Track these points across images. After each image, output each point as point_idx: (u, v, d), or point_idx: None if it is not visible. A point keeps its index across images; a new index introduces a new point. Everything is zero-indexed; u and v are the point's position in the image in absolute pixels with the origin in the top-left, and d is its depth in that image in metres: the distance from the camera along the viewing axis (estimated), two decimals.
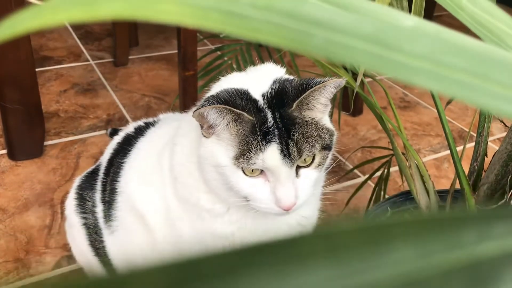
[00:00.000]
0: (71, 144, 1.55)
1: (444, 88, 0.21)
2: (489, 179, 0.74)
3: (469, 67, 0.22)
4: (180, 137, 0.77)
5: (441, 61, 0.22)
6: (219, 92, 0.67)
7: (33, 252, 1.17)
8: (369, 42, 0.20)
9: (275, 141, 0.64)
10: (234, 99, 0.66)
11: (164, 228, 0.80)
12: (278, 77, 0.71)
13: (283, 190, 0.66)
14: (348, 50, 0.19)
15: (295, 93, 0.67)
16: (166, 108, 1.79)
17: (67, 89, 1.84)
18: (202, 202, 0.74)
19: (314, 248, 0.15)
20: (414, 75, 0.21)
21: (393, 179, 1.50)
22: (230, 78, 0.75)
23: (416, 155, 0.92)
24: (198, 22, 0.17)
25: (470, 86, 0.22)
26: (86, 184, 0.94)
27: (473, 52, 0.23)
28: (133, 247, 0.85)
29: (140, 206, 0.81)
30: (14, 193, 1.33)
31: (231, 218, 0.75)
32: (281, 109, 0.66)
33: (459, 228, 0.16)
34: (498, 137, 1.83)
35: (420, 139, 1.76)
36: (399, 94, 2.06)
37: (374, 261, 0.15)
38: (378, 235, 0.15)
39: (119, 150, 0.90)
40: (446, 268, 0.15)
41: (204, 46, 2.30)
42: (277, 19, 0.18)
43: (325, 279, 0.14)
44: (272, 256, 0.14)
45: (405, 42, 0.21)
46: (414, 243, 0.15)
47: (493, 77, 0.23)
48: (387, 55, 0.20)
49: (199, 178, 0.73)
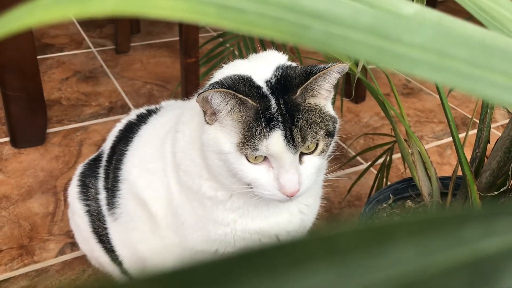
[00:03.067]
0: (74, 131, 1.55)
1: (446, 79, 0.21)
2: (491, 165, 0.74)
3: (471, 58, 0.22)
4: (182, 125, 0.77)
5: (442, 51, 0.21)
6: (222, 79, 0.67)
7: (37, 239, 1.17)
8: (368, 33, 0.20)
9: (279, 128, 0.64)
10: (237, 85, 0.65)
11: (166, 215, 0.81)
12: (281, 64, 0.70)
13: (287, 177, 0.66)
14: (346, 42, 0.19)
15: (299, 80, 0.66)
16: (168, 96, 1.79)
17: (69, 77, 1.84)
18: (204, 189, 0.74)
19: (312, 252, 0.14)
20: (415, 67, 0.20)
21: (395, 166, 1.50)
22: (232, 65, 0.75)
23: (419, 141, 0.92)
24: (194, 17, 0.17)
25: (472, 77, 0.22)
26: (88, 171, 0.95)
27: (475, 42, 0.23)
28: (136, 234, 0.85)
29: (143, 193, 0.82)
30: (17, 181, 1.34)
31: (233, 205, 0.75)
32: (285, 95, 0.66)
33: (461, 225, 0.16)
34: (501, 123, 1.82)
35: (423, 126, 1.76)
36: (402, 81, 2.05)
37: (375, 262, 0.14)
38: (378, 236, 0.15)
39: (121, 138, 0.90)
40: (449, 265, 0.15)
41: (206, 33, 2.28)
42: (273, 12, 0.18)
43: (325, 282, 0.14)
44: (270, 260, 0.14)
45: (405, 33, 0.21)
46: (415, 242, 0.15)
47: (495, 67, 0.23)
48: (387, 46, 0.20)
49: (201, 165, 0.73)
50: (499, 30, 0.37)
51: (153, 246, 0.84)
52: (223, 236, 0.77)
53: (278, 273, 0.14)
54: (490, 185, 0.74)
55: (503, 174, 0.72)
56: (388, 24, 0.21)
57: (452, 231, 0.15)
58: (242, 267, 0.14)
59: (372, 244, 0.15)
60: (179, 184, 0.77)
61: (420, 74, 0.20)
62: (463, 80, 0.22)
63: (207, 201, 0.76)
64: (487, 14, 0.39)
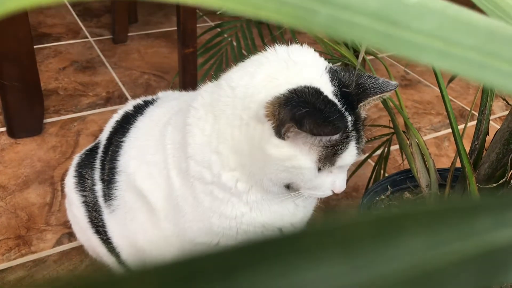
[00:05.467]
0: (71, 121, 1.55)
1: (453, 66, 0.20)
2: (490, 157, 0.74)
3: (477, 45, 0.22)
4: (195, 119, 0.74)
5: (449, 38, 0.21)
6: (300, 96, 0.64)
7: (34, 229, 1.17)
8: (374, 18, 0.19)
9: (354, 141, 0.68)
10: (322, 102, 0.64)
11: (166, 207, 0.80)
12: (327, 67, 0.71)
13: (343, 179, 0.73)
14: (353, 28, 0.18)
15: (359, 95, 0.69)
16: (166, 86, 1.78)
17: (66, 67, 1.83)
18: (224, 180, 0.72)
19: (322, 242, 0.14)
20: (422, 53, 0.20)
21: (393, 157, 1.50)
22: (260, 65, 0.70)
23: (417, 133, 0.91)
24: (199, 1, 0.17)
25: (478, 64, 0.21)
26: (85, 162, 0.94)
27: (481, 29, 0.23)
28: (134, 225, 0.85)
29: (141, 185, 0.81)
30: (14, 171, 1.33)
31: (249, 198, 0.74)
32: (350, 110, 0.68)
33: (472, 217, 0.16)
34: (499, 115, 1.82)
35: (421, 117, 1.76)
36: (401, 72, 2.04)
37: (385, 254, 0.14)
38: (389, 227, 0.15)
39: (118, 129, 0.90)
40: (459, 257, 0.15)
41: (204, 23, 2.27)
42: None
43: (334, 273, 0.14)
44: (280, 250, 0.14)
45: (412, 19, 0.20)
46: (425, 234, 0.15)
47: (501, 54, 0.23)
48: (394, 32, 0.20)
49: (228, 156, 0.71)
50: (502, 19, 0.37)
51: (152, 237, 0.84)
52: (227, 229, 0.76)
53: (290, 263, 0.14)
54: (489, 177, 0.74)
55: (502, 166, 0.72)
56: (395, 10, 0.20)
57: (461, 222, 0.15)
58: (254, 257, 0.14)
59: (383, 235, 0.15)
60: (181, 176, 0.77)
61: (427, 61, 0.20)
62: (470, 68, 0.21)
63: (221, 192, 0.74)
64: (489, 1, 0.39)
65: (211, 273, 0.14)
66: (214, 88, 0.74)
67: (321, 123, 0.61)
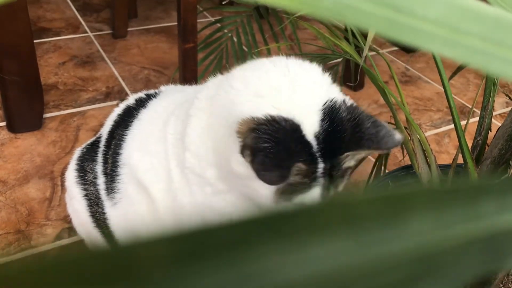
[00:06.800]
0: (71, 116, 1.54)
1: (459, 54, 0.20)
2: (492, 153, 0.74)
3: (484, 33, 0.21)
4: (198, 110, 0.73)
5: (455, 26, 0.21)
6: (272, 130, 0.61)
7: (34, 224, 1.17)
8: (380, 4, 0.19)
9: (319, 186, 0.65)
10: (288, 143, 0.62)
11: (165, 199, 0.80)
12: (327, 102, 0.66)
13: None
14: (359, 13, 0.18)
15: (349, 144, 0.65)
16: (166, 81, 1.77)
17: (65, 61, 1.83)
18: (208, 175, 0.73)
19: (330, 218, 0.14)
20: (428, 41, 0.20)
21: (393, 153, 1.50)
22: (258, 77, 0.68)
23: (419, 129, 0.91)
24: None
25: (486, 53, 0.21)
26: (86, 156, 0.94)
27: (487, 17, 0.22)
28: (136, 218, 0.85)
29: (143, 176, 0.81)
30: (14, 165, 1.33)
31: (226, 197, 0.74)
32: (330, 158, 0.64)
33: (478, 199, 0.15)
34: (500, 112, 1.82)
35: (421, 114, 1.76)
36: (401, 69, 2.04)
37: (392, 233, 0.14)
38: (396, 205, 0.15)
39: (120, 122, 0.89)
40: (464, 239, 0.15)
41: (204, 18, 2.26)
42: None
43: (342, 250, 0.14)
44: (287, 225, 0.14)
45: (418, 6, 0.20)
46: (432, 214, 0.15)
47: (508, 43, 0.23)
48: (400, 19, 0.19)
49: (210, 152, 0.71)
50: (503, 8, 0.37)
51: (154, 231, 0.84)
52: None
53: (297, 238, 0.14)
54: (491, 173, 0.74)
55: (504, 162, 0.72)
56: None
57: (467, 204, 0.15)
58: (261, 231, 0.14)
59: (390, 214, 0.15)
60: (180, 167, 0.76)
61: (433, 49, 0.20)
62: (476, 56, 0.21)
63: (208, 187, 0.74)
64: None
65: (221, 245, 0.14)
66: (220, 81, 0.74)
67: (267, 168, 0.60)
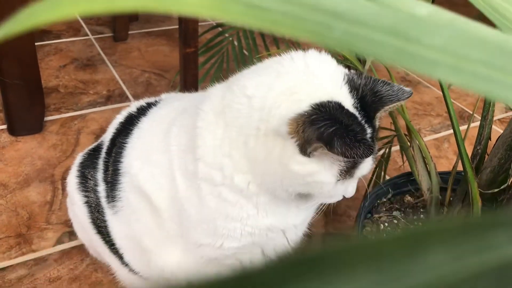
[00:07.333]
0: (71, 120, 1.55)
1: (464, 81, 0.21)
2: (492, 162, 0.74)
3: (488, 59, 0.22)
4: (205, 123, 0.73)
5: (459, 53, 0.21)
6: (325, 113, 0.62)
7: (35, 227, 1.17)
8: (389, 34, 0.19)
9: (372, 153, 0.65)
10: (349, 123, 0.63)
11: (169, 208, 0.80)
12: (345, 76, 0.68)
13: (354, 185, 0.74)
14: (368, 43, 0.19)
15: (376, 104, 0.68)
16: (166, 85, 1.78)
17: (66, 64, 1.83)
18: (236, 181, 0.72)
19: (357, 258, 0.15)
20: (434, 68, 0.20)
21: (393, 158, 1.50)
22: (277, 76, 0.68)
23: (419, 136, 0.92)
24: (218, 14, 0.17)
25: (489, 79, 0.21)
26: (88, 162, 0.94)
27: (491, 43, 0.23)
28: (139, 226, 0.85)
29: (145, 186, 0.81)
30: (14, 169, 1.33)
31: (259, 200, 0.74)
32: (370, 121, 0.67)
33: (489, 231, 0.16)
34: (499, 117, 1.83)
35: (421, 118, 1.76)
36: (401, 73, 2.05)
37: (413, 267, 0.15)
38: (414, 242, 0.16)
39: (121, 130, 0.90)
40: (477, 270, 0.15)
41: (205, 21, 2.27)
42: (297, 11, 0.17)
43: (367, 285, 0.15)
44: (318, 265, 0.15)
45: (424, 34, 0.21)
46: (446, 248, 0.16)
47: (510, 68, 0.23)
48: (407, 47, 0.20)
49: (240, 161, 0.71)
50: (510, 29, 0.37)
51: (157, 238, 0.84)
52: (231, 231, 0.76)
53: (326, 278, 0.15)
54: (491, 182, 0.74)
55: (504, 171, 0.73)
56: (408, 25, 0.20)
57: (479, 237, 0.16)
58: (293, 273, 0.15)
59: (409, 250, 0.16)
60: (187, 177, 0.76)
61: (439, 76, 0.20)
62: (480, 82, 0.22)
63: (230, 193, 0.73)
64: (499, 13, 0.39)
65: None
66: (224, 92, 0.72)
67: (352, 145, 0.59)
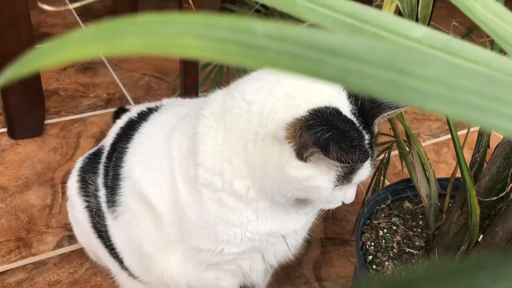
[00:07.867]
0: (71, 123, 1.55)
1: (457, 111, 0.21)
2: (490, 170, 0.75)
3: (481, 89, 0.22)
4: (206, 128, 0.73)
5: (452, 83, 0.22)
6: (324, 118, 0.63)
7: (34, 231, 1.18)
8: (382, 67, 0.20)
9: (369, 158, 0.66)
10: (342, 124, 0.63)
11: (170, 213, 0.81)
12: None
13: (354, 191, 0.74)
14: (362, 77, 0.19)
15: (374, 111, 0.68)
16: (167, 88, 1.78)
17: (66, 67, 1.83)
18: (236, 187, 0.73)
19: None
20: (427, 100, 0.21)
21: (392, 163, 1.50)
22: (277, 82, 0.69)
23: (418, 143, 0.92)
24: (217, 56, 0.17)
25: (482, 108, 0.22)
26: (88, 167, 0.95)
27: (483, 74, 0.23)
28: (139, 231, 0.85)
29: (146, 191, 0.81)
30: (14, 172, 1.34)
31: (258, 205, 0.75)
32: (368, 128, 0.67)
33: (477, 273, 0.17)
34: None
35: (420, 123, 1.76)
36: None
37: None
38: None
39: (122, 135, 0.90)
40: None
41: None
42: (292, 49, 0.18)
43: None
44: None
45: (417, 65, 0.21)
46: None
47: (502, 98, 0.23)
48: (400, 80, 0.20)
49: (240, 166, 0.71)
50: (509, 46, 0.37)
51: (157, 243, 0.85)
52: (232, 236, 0.77)
53: None
54: (489, 190, 0.75)
55: (502, 179, 0.73)
56: (401, 57, 0.21)
57: (467, 278, 0.16)
58: None
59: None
60: (187, 182, 0.77)
61: (431, 107, 0.21)
62: (473, 112, 0.22)
63: (230, 199, 0.74)
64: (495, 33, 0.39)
65: None
66: (225, 97, 0.73)
67: (348, 151, 0.60)
